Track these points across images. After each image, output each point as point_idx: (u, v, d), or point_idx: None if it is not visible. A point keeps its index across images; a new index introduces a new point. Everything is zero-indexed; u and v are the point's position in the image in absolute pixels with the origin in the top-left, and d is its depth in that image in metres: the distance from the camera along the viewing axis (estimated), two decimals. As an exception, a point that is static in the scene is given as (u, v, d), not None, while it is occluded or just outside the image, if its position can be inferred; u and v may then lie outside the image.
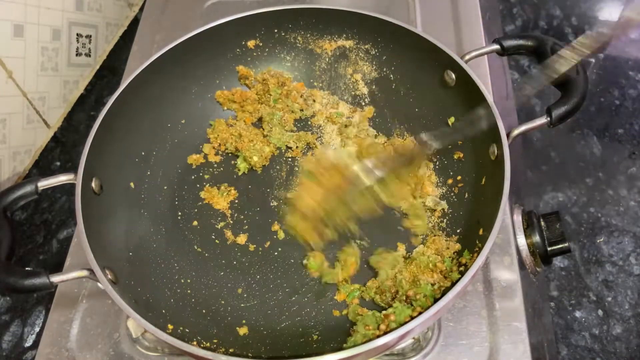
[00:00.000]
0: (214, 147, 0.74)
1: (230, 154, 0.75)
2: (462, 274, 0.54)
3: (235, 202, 0.71)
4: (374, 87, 0.77)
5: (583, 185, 0.86)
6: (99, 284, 0.53)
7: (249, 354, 0.57)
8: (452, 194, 0.68)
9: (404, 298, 0.58)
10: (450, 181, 0.69)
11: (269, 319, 0.62)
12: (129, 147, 0.69)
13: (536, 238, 0.63)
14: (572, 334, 0.74)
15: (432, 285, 0.58)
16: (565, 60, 0.56)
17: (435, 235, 0.65)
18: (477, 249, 0.58)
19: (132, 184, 0.69)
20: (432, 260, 0.60)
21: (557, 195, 0.86)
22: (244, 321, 0.62)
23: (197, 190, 0.72)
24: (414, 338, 0.60)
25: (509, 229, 0.66)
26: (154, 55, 0.69)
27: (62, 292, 0.67)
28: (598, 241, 0.81)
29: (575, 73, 0.61)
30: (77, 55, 0.93)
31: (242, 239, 0.68)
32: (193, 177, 0.73)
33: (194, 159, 0.74)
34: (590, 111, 0.94)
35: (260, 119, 0.76)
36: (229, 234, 0.68)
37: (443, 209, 0.67)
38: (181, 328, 0.59)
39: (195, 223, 0.69)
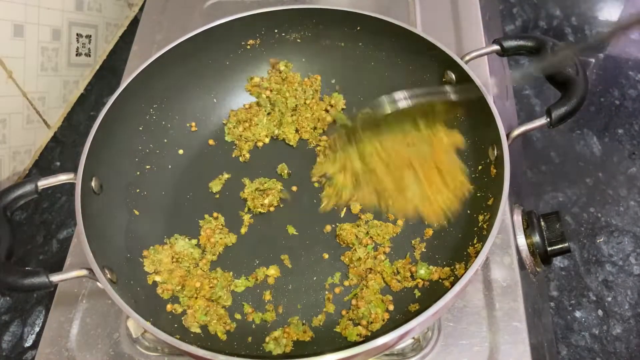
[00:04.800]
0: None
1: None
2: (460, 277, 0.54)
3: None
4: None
5: (583, 185, 0.86)
6: (98, 284, 0.54)
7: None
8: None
9: None
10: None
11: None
12: (129, 146, 0.69)
13: (536, 238, 0.63)
14: (572, 334, 0.74)
15: None
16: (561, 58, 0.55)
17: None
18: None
19: (131, 184, 0.69)
20: None
21: (557, 195, 0.86)
22: (236, 322, 0.62)
23: (198, 190, 0.72)
24: (413, 338, 0.60)
25: (509, 229, 0.66)
26: (154, 55, 0.69)
27: (62, 292, 0.67)
28: (598, 241, 0.81)
29: (575, 73, 0.61)
30: (77, 55, 0.93)
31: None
32: (193, 177, 0.73)
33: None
34: (590, 111, 0.94)
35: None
36: (231, 235, 0.68)
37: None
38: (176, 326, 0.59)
39: (196, 223, 0.69)
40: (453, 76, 0.67)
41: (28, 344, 0.71)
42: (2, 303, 0.74)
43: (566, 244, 0.62)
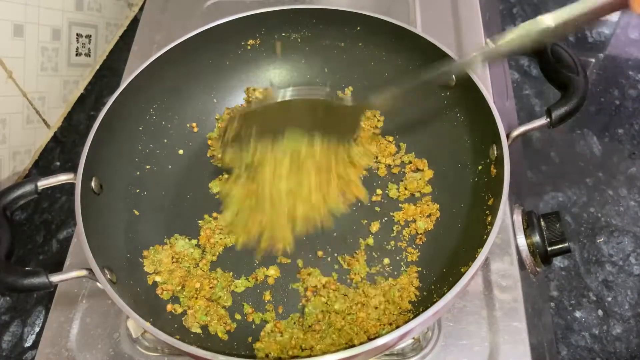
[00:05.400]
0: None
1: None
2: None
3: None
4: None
5: (583, 185, 0.86)
6: (98, 284, 0.54)
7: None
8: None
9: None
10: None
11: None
12: (129, 147, 0.69)
13: (536, 238, 0.63)
14: (572, 334, 0.74)
15: None
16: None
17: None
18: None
19: (131, 184, 0.69)
20: None
21: (557, 195, 0.86)
22: (236, 322, 0.62)
23: (198, 190, 0.72)
24: (414, 338, 0.60)
25: (509, 229, 0.66)
26: (154, 55, 0.69)
27: (62, 292, 0.67)
28: (598, 241, 0.81)
29: (575, 73, 0.61)
30: (77, 55, 0.93)
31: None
32: (193, 177, 0.73)
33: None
34: (590, 111, 0.94)
35: None
36: (230, 235, 0.68)
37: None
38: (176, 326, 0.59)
39: (195, 224, 0.69)
40: (453, 76, 0.67)
41: (28, 344, 0.71)
42: (2, 303, 0.74)
43: (566, 244, 0.62)
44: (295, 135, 0.60)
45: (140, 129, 0.71)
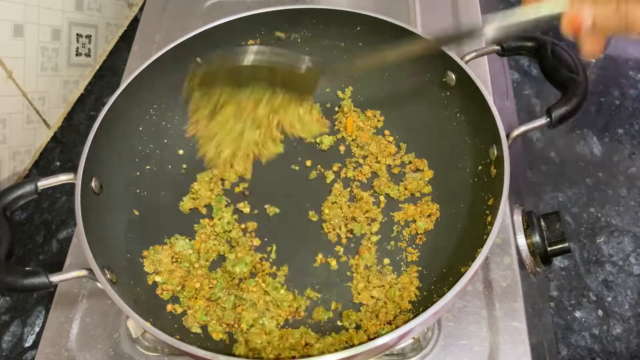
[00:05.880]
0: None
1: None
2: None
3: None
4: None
5: (583, 185, 0.86)
6: (98, 284, 0.54)
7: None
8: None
9: None
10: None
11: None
12: (129, 147, 0.69)
13: (536, 238, 0.63)
14: (572, 334, 0.74)
15: None
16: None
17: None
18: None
19: (131, 184, 0.69)
20: None
21: (557, 195, 0.86)
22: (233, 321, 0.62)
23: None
24: (414, 338, 0.60)
25: (509, 229, 0.66)
26: (154, 55, 0.69)
27: (62, 292, 0.67)
28: (598, 241, 0.81)
29: (575, 73, 0.61)
30: (77, 55, 0.93)
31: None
32: (193, 177, 0.73)
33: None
34: (590, 111, 0.94)
35: None
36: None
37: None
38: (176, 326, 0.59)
39: (195, 224, 0.69)
40: (453, 76, 0.67)
41: (28, 344, 0.71)
42: (2, 303, 0.74)
43: (566, 244, 0.62)
44: (259, 89, 0.61)
45: (140, 129, 0.71)
